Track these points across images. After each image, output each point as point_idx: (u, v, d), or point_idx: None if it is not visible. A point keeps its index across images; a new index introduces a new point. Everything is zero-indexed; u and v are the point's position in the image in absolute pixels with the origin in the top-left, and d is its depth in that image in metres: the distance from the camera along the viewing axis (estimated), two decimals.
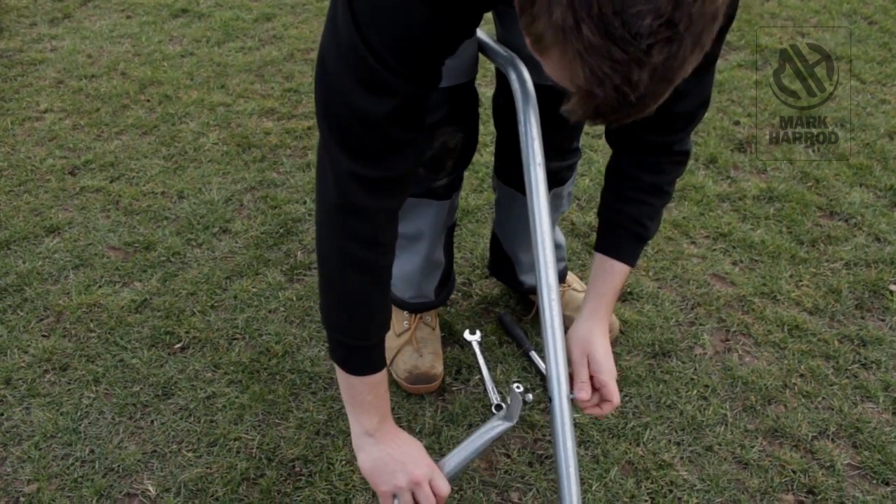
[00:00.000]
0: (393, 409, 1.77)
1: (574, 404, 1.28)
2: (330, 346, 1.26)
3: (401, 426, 1.73)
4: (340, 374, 1.26)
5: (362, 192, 1.11)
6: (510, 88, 1.33)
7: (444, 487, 1.25)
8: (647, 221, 1.37)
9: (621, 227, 1.37)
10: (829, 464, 1.68)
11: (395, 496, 1.25)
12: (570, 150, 1.77)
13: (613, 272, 1.38)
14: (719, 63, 2.44)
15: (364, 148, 1.09)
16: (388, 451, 1.26)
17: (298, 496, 1.59)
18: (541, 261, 1.29)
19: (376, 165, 1.10)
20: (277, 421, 1.76)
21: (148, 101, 3.09)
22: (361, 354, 1.24)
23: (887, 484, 1.65)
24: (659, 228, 1.41)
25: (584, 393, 1.28)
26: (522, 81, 1.31)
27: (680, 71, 0.76)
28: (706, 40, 0.75)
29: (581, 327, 1.34)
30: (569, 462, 1.24)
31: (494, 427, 1.34)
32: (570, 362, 1.31)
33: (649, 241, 1.41)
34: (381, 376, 1.26)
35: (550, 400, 1.25)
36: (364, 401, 1.26)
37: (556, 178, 1.76)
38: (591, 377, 1.31)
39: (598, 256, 1.39)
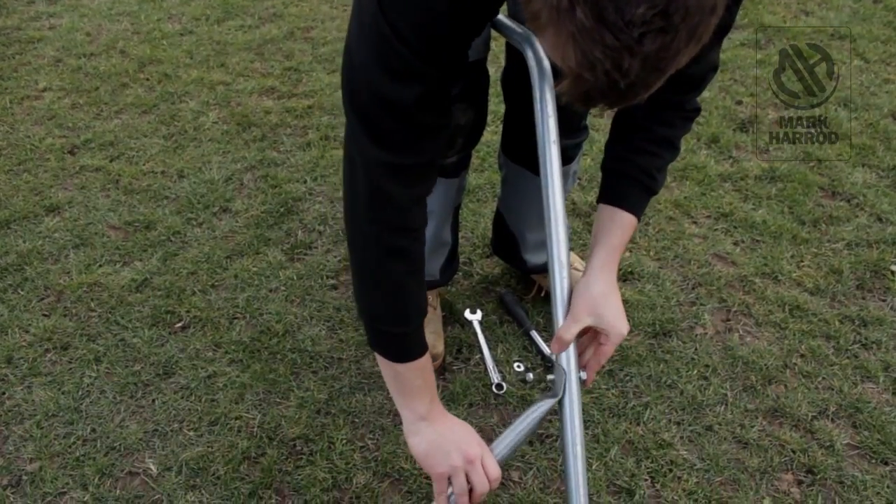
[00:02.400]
0: None
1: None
2: (370, 338, 1.25)
3: None
4: (384, 364, 1.24)
5: (393, 180, 1.10)
6: (523, 65, 1.32)
7: (496, 470, 1.23)
8: (655, 173, 1.33)
9: (630, 177, 1.33)
10: (828, 443, 1.69)
11: (449, 479, 1.22)
12: (579, 128, 1.76)
13: (622, 224, 1.33)
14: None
15: (393, 136, 1.07)
16: (440, 432, 1.24)
17: (299, 475, 1.60)
18: (553, 238, 1.28)
19: (406, 153, 1.09)
20: (278, 400, 1.76)
21: (147, 79, 3.07)
22: (405, 341, 1.23)
23: (886, 463, 1.66)
24: (664, 184, 1.38)
25: (555, 346, 1.25)
26: (538, 59, 1.29)
27: (673, 62, 0.76)
28: (703, 33, 0.75)
29: (592, 283, 1.27)
30: (576, 440, 1.25)
31: (540, 406, 1.30)
32: (569, 313, 1.26)
33: (654, 197, 1.36)
34: (426, 359, 1.25)
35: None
36: (413, 386, 1.25)
37: (563, 157, 1.75)
38: (599, 334, 1.28)
39: (604, 208, 1.34)
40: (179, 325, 1.95)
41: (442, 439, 1.24)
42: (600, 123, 2.79)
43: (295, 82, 3.07)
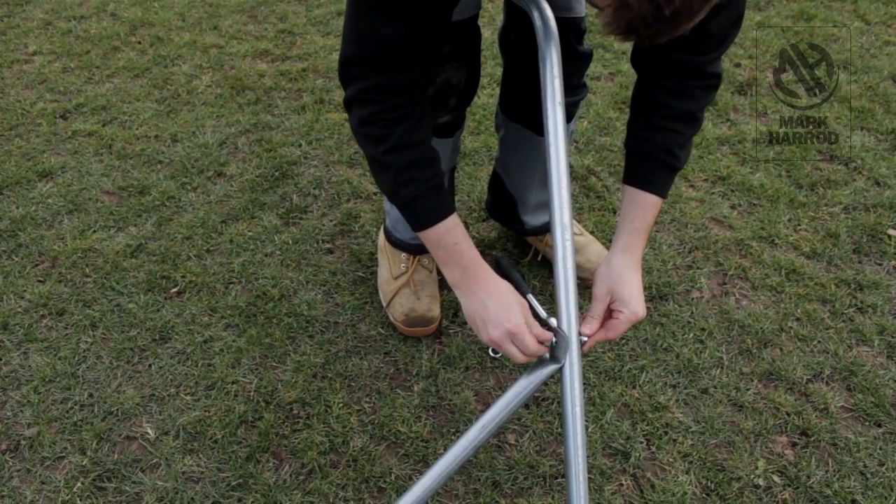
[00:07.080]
0: (389, 352, 1.78)
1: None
2: (409, 220, 1.30)
3: (397, 369, 1.75)
4: (424, 239, 1.30)
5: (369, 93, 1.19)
6: (521, 21, 1.30)
7: (534, 346, 1.26)
8: (677, 150, 1.33)
9: (651, 158, 1.33)
10: (822, 406, 1.70)
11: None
12: (578, 85, 1.74)
13: (645, 205, 1.34)
14: None
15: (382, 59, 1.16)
16: (480, 303, 1.28)
17: (296, 438, 1.60)
18: (555, 200, 1.28)
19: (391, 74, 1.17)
20: (275, 364, 1.76)
21: (139, 43, 3.03)
22: (431, 198, 1.27)
23: (879, 426, 1.67)
24: (689, 159, 1.37)
25: (587, 328, 1.29)
26: (545, 19, 1.28)
27: None
28: None
29: (613, 263, 1.32)
30: (575, 402, 1.26)
31: (541, 371, 1.32)
32: (593, 294, 1.31)
33: (680, 172, 1.37)
34: (449, 223, 1.27)
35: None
36: (439, 256, 1.30)
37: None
38: (614, 311, 1.31)
39: (628, 189, 1.35)
40: (175, 290, 1.94)
41: (480, 310, 1.27)
42: (597, 87, 2.76)
43: (289, 45, 3.03)
